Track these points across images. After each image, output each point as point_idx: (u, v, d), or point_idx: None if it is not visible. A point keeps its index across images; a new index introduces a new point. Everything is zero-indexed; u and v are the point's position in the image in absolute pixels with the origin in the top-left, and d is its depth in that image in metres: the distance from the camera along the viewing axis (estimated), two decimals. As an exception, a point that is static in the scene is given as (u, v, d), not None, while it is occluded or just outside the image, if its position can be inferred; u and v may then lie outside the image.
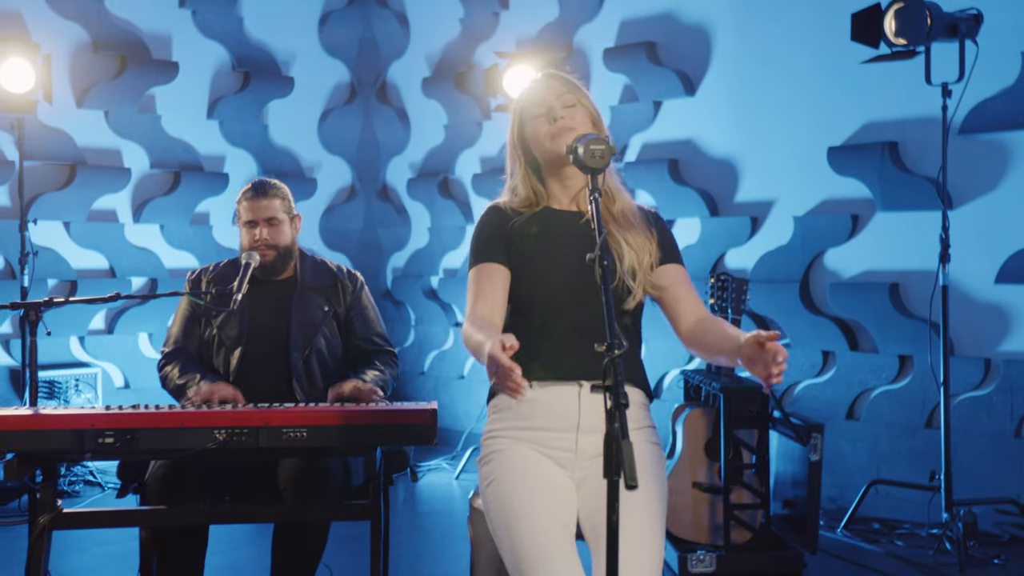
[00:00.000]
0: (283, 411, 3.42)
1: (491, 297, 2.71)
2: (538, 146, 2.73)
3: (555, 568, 2.38)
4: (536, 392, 2.62)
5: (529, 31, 7.72)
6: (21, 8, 7.10)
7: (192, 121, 7.98)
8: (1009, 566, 4.99)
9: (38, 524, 3.47)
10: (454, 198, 8.45)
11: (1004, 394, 5.75)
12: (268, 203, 4.04)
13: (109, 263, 7.64)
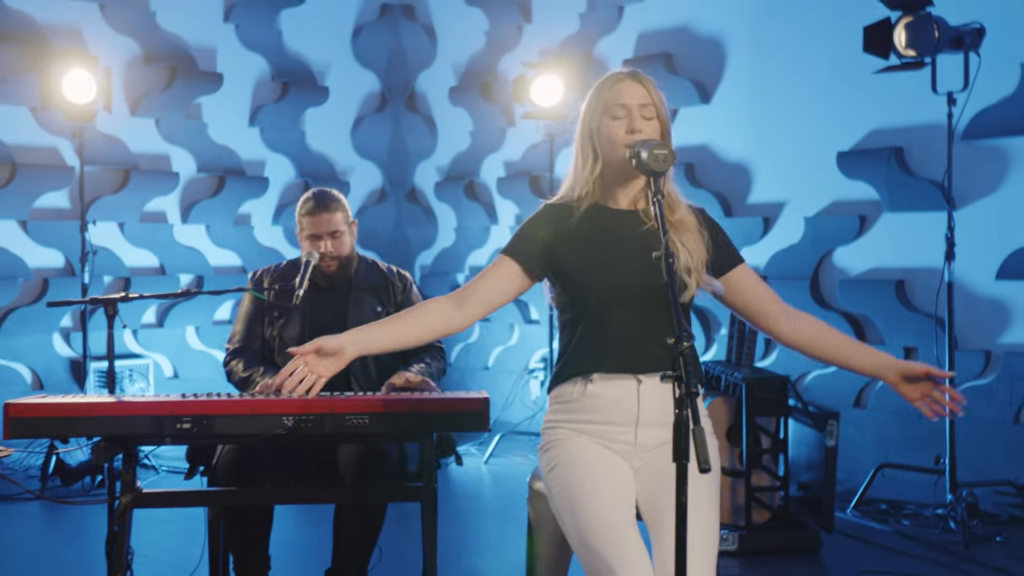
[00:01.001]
0: (347, 399, 3.42)
1: (480, 288, 2.71)
2: (611, 147, 2.63)
3: (620, 544, 2.37)
4: (596, 386, 2.60)
5: (551, 43, 7.72)
6: (80, 24, 7.15)
7: (235, 128, 8.02)
8: (1010, 544, 5.00)
9: (121, 503, 3.49)
10: (479, 200, 8.47)
11: (1004, 384, 5.77)
12: (330, 217, 4.02)
13: (159, 261, 7.69)
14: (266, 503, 3.80)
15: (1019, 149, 5.74)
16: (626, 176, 2.66)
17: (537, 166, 7.92)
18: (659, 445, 2.60)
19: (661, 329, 2.57)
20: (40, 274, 7.08)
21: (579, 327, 2.66)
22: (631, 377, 2.59)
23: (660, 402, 2.58)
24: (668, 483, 2.47)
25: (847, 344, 2.70)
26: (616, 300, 2.61)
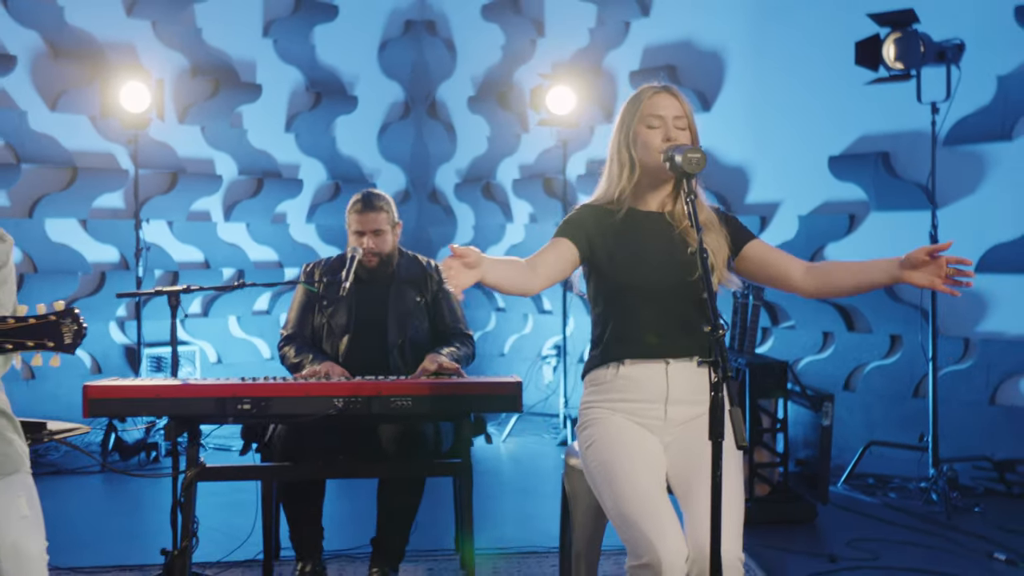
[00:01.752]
0: (391, 383, 3.47)
1: (545, 260, 2.67)
2: (646, 153, 2.66)
3: (655, 514, 2.40)
4: (628, 369, 2.63)
5: (563, 55, 7.71)
6: (134, 40, 7.18)
7: (272, 134, 8.02)
8: (987, 514, 5.02)
9: (187, 476, 3.53)
10: (495, 200, 8.47)
11: (981, 368, 5.81)
12: (375, 216, 4.04)
13: (204, 256, 7.71)
14: (318, 477, 3.84)
15: (995, 154, 5.77)
16: (658, 180, 2.70)
17: (550, 169, 7.93)
18: (687, 421, 2.63)
19: (686, 320, 2.63)
20: (98, 268, 7.12)
21: (611, 318, 2.69)
22: (660, 361, 2.62)
23: (687, 381, 2.62)
24: (697, 457, 2.53)
25: (857, 269, 2.66)
26: (646, 295, 2.64)
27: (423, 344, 4.08)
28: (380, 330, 4.03)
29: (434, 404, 3.46)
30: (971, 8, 5.68)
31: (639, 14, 7.35)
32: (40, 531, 2.57)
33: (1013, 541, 4.56)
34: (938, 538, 4.63)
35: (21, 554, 2.50)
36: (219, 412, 3.44)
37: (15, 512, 2.54)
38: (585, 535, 2.75)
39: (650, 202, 2.74)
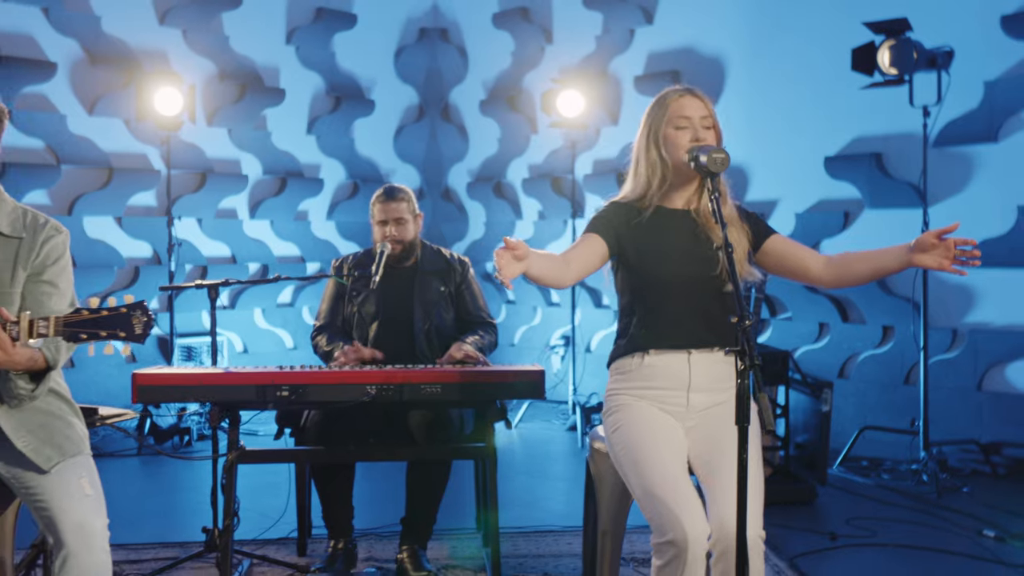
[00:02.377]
0: (421, 371, 3.48)
1: (577, 254, 2.64)
2: (674, 150, 2.64)
3: (679, 493, 2.41)
4: (652, 358, 2.63)
5: (571, 61, 7.71)
6: (166, 47, 7.18)
7: (295, 136, 8.02)
8: (975, 493, 5.05)
9: (228, 459, 3.54)
10: (506, 198, 8.49)
11: (968, 357, 5.82)
12: (396, 206, 4.04)
13: (231, 252, 7.72)
14: (350, 460, 3.85)
15: (982, 155, 5.77)
16: (685, 179, 2.69)
17: (558, 168, 7.93)
18: (708, 407, 2.64)
19: (708, 313, 2.64)
20: (132, 263, 7.13)
21: (637, 310, 2.70)
22: (683, 351, 2.63)
23: (708, 370, 2.63)
24: (718, 441, 2.54)
25: (872, 257, 2.65)
26: (671, 289, 2.65)
27: (447, 331, 4.09)
28: (407, 318, 4.04)
29: (462, 391, 3.47)
30: (960, 17, 5.67)
31: (643, 22, 7.34)
32: (102, 509, 2.60)
33: (1000, 519, 4.59)
34: (930, 516, 4.65)
35: (86, 531, 2.53)
36: (259, 399, 3.44)
37: (79, 491, 2.57)
38: (611, 514, 2.76)
39: (676, 200, 2.73)
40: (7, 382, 2.56)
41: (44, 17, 6.64)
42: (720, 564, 2.35)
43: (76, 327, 2.40)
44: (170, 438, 6.27)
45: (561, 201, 7.90)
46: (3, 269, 2.64)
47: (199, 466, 5.82)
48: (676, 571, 2.33)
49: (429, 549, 3.87)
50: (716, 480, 2.46)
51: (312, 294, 8.21)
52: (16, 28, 6.52)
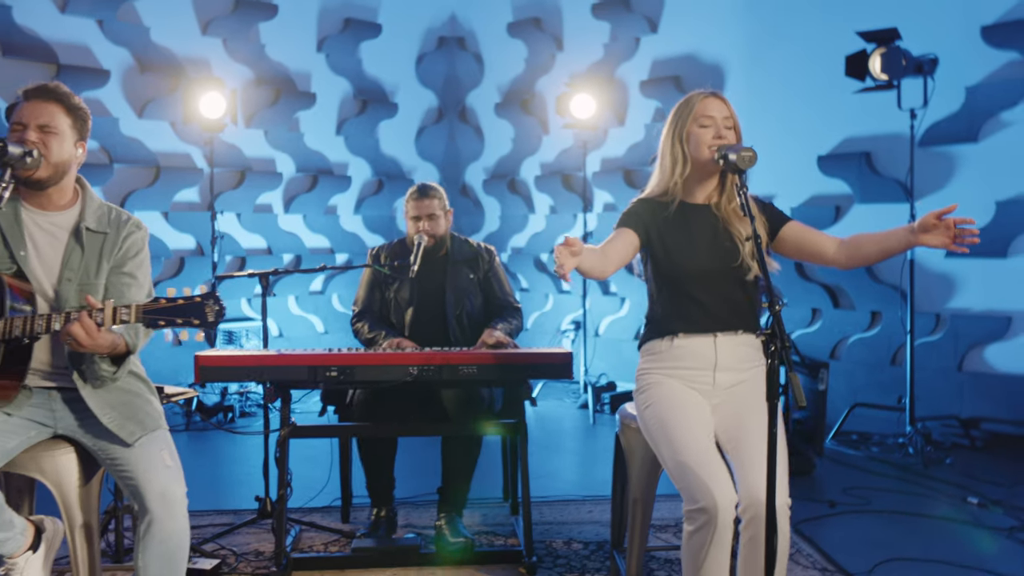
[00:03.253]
0: (459, 353, 3.50)
1: (612, 248, 2.63)
2: (698, 148, 2.65)
3: (709, 465, 2.43)
4: (680, 340, 2.65)
5: (580, 67, 7.72)
6: (208, 55, 7.21)
7: (325, 137, 8.05)
8: (957, 464, 5.09)
9: (281, 434, 3.57)
10: (519, 194, 8.50)
11: (950, 339, 5.85)
12: (429, 203, 4.04)
13: (267, 244, 7.75)
14: (392, 435, 3.87)
15: (964, 155, 5.79)
16: (705, 175, 2.71)
17: (568, 166, 7.95)
18: (733, 385, 2.65)
19: (731, 300, 2.66)
20: (178, 254, 7.16)
21: (666, 298, 2.71)
22: (709, 335, 2.65)
23: (732, 352, 2.65)
24: (744, 416, 2.56)
25: (880, 238, 2.62)
26: (696, 278, 2.67)
27: (477, 315, 4.10)
28: (440, 304, 4.05)
29: (496, 371, 3.48)
30: (944, 27, 5.68)
31: (648, 31, 7.35)
32: (181, 478, 2.64)
33: (980, 487, 4.64)
34: (917, 485, 4.70)
35: (168, 498, 2.57)
36: (311, 378, 3.46)
37: (160, 463, 2.61)
38: (641, 484, 2.78)
39: (698, 195, 2.75)
40: (92, 365, 2.60)
41: (99, 29, 6.66)
42: (749, 529, 2.37)
43: (155, 315, 2.42)
44: (215, 414, 6.31)
45: (571, 196, 7.93)
46: (89, 261, 2.68)
47: (241, 440, 5.86)
48: (706, 536, 2.36)
49: (463, 517, 3.90)
50: (743, 452, 2.47)
51: (340, 283, 8.24)
52: (74, 39, 6.54)
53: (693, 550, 2.39)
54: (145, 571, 2.58)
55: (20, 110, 2.63)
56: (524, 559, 3.51)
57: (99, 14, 6.62)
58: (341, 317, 8.25)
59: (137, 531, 2.60)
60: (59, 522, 2.80)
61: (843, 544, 3.77)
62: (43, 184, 2.65)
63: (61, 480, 2.65)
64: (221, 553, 3.72)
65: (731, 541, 2.40)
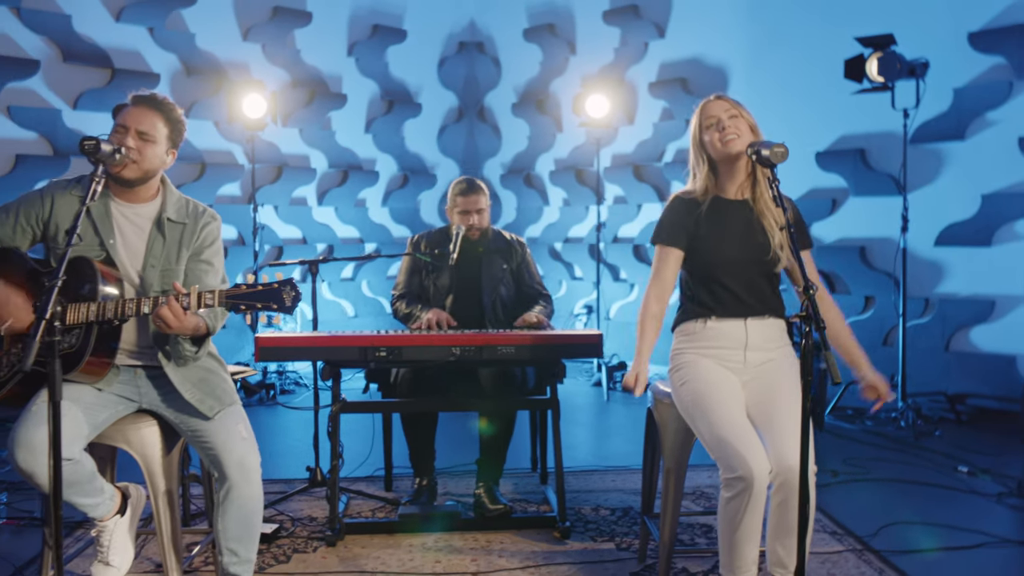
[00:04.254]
0: (498, 335, 3.52)
1: (665, 279, 2.73)
2: (712, 147, 2.70)
3: (744, 436, 2.45)
4: (714, 323, 2.68)
5: (591, 70, 7.71)
6: (248, 59, 7.20)
7: (355, 135, 8.05)
8: (945, 436, 5.14)
9: (333, 409, 3.60)
10: (534, 187, 8.50)
11: (937, 322, 5.87)
12: (476, 198, 4.04)
13: (302, 234, 7.78)
14: (434, 410, 3.89)
15: (951, 151, 5.79)
16: (730, 170, 2.72)
17: (580, 162, 7.96)
18: (761, 364, 2.67)
19: (760, 288, 2.69)
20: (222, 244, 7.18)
21: (701, 284, 2.73)
22: (740, 319, 2.68)
23: (761, 333, 2.68)
24: (773, 391, 2.59)
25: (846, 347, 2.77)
26: (729, 267, 2.69)
27: (510, 302, 4.12)
28: (476, 290, 4.07)
29: (532, 351, 3.50)
30: (934, 33, 5.68)
31: (656, 36, 7.35)
32: (256, 449, 2.68)
33: (968, 456, 4.68)
34: (911, 456, 4.74)
35: (245, 467, 2.62)
36: (362, 358, 3.48)
37: (237, 435, 2.65)
38: (675, 455, 2.80)
39: (729, 190, 2.75)
40: (176, 345, 2.64)
41: (150, 36, 6.67)
42: (779, 494, 2.41)
43: (236, 299, 2.46)
44: (258, 392, 6.36)
45: (584, 190, 7.94)
46: (170, 249, 2.72)
47: (284, 415, 5.92)
48: (743, 502, 2.39)
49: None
50: (774, 423, 2.49)
51: (369, 270, 8.28)
52: (127, 45, 6.56)
53: (730, 515, 2.43)
54: (225, 533, 2.63)
55: (126, 114, 2.67)
56: (558, 524, 3.54)
57: (150, 22, 6.63)
58: (370, 302, 8.29)
59: (216, 497, 2.65)
60: (142, 489, 2.86)
61: (848, 509, 3.82)
62: (132, 183, 2.69)
63: (146, 451, 2.70)
64: (279, 519, 3.77)
65: (763, 506, 2.44)
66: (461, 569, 3.20)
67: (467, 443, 4.52)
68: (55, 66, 6.21)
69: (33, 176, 6.13)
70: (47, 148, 6.21)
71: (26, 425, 2.42)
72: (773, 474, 2.42)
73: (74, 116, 6.29)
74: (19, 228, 2.70)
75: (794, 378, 2.61)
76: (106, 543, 2.69)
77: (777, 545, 2.46)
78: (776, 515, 2.44)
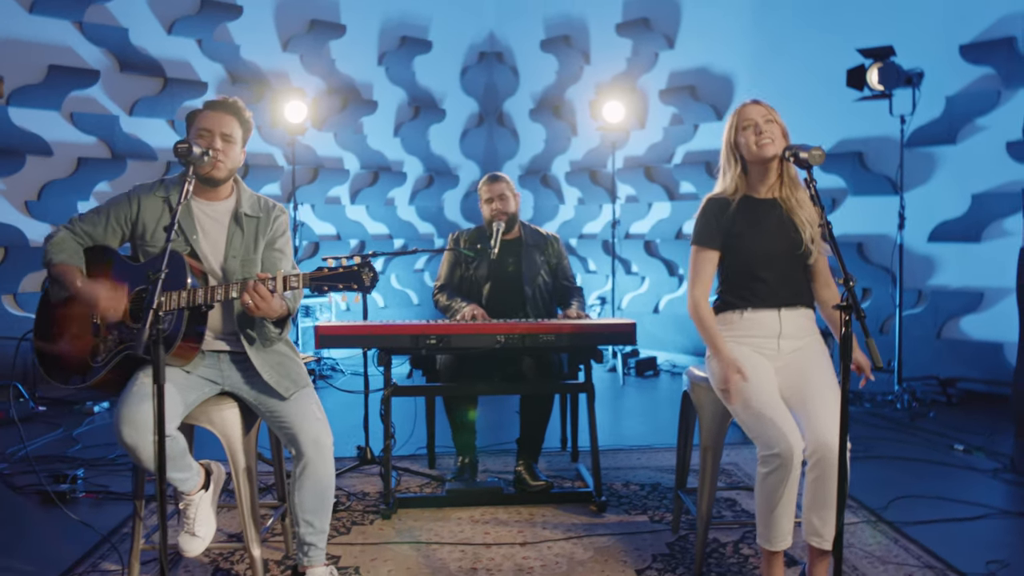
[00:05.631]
0: (541, 324, 3.53)
1: (706, 279, 2.70)
2: (747, 149, 2.66)
3: (781, 416, 2.46)
4: (750, 313, 2.69)
5: (605, 78, 7.72)
6: (287, 68, 7.24)
7: (385, 139, 8.08)
8: (938, 417, 5.16)
9: (385, 393, 3.61)
10: (550, 187, 8.51)
11: (930, 312, 5.90)
12: (497, 186, 4.03)
13: (336, 231, 7.80)
14: (477, 394, 3.88)
15: (943, 155, 5.82)
16: (761, 171, 2.71)
17: (594, 164, 7.98)
18: (794, 350, 2.68)
19: (793, 281, 2.70)
20: (264, 240, 7.22)
21: (737, 277, 2.74)
22: (774, 309, 2.69)
23: (794, 323, 2.69)
24: (807, 375, 2.60)
25: (837, 326, 2.69)
26: (763, 261, 2.69)
27: (545, 293, 4.11)
28: (515, 281, 4.06)
29: (571, 339, 3.52)
30: (927, 45, 5.70)
31: (666, 47, 7.35)
32: (328, 428, 2.71)
33: (961, 436, 4.71)
34: (909, 435, 4.76)
35: (320, 444, 2.64)
36: (413, 345, 3.50)
37: (312, 415, 2.68)
38: (712, 435, 2.80)
39: (760, 190, 2.74)
40: (262, 328, 2.67)
41: (198, 47, 6.70)
42: (815, 470, 2.43)
43: (320, 280, 2.48)
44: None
45: (597, 189, 7.96)
46: (249, 241, 2.74)
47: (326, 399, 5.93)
48: (781, 477, 2.41)
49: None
50: (809, 404, 2.50)
51: (398, 265, 8.30)
52: (177, 56, 6.58)
53: (768, 489, 2.45)
54: (301, 505, 2.67)
55: (204, 118, 2.69)
56: (595, 498, 3.57)
57: (198, 34, 6.65)
58: (398, 294, 8.31)
59: (293, 473, 2.68)
60: (222, 466, 2.89)
61: (858, 484, 3.84)
62: (217, 181, 2.71)
63: (227, 430, 2.73)
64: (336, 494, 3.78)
65: (798, 480, 2.46)
66: (510, 540, 3.23)
67: (501, 424, 4.55)
68: (113, 76, 6.24)
69: (93, 178, 6.17)
70: (106, 152, 6.24)
71: (129, 403, 2.45)
72: (809, 451, 2.43)
73: (130, 122, 6.31)
74: (110, 228, 2.73)
75: (824, 363, 2.64)
76: (192, 515, 2.72)
77: (813, 516, 2.48)
78: (812, 489, 2.46)
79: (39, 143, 5.91)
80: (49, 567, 3.01)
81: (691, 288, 2.75)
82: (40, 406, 5.36)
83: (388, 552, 3.13)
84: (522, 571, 2.94)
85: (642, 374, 6.86)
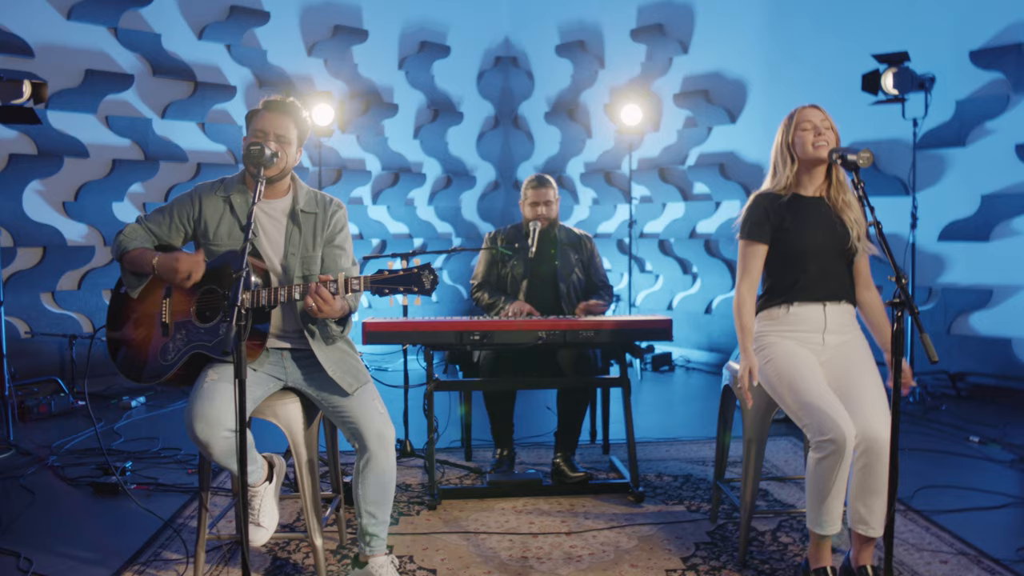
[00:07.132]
0: (580, 320, 3.57)
1: (754, 274, 2.73)
2: (802, 149, 2.70)
3: (832, 404, 2.48)
4: (796, 308, 2.71)
5: (619, 82, 7.72)
6: (312, 73, 7.24)
7: (405, 141, 8.07)
8: (949, 410, 5.20)
9: (428, 387, 3.63)
10: (565, 188, 8.45)
11: (940, 309, 5.92)
12: (545, 191, 4.07)
13: (359, 230, 7.80)
14: (515, 388, 3.92)
15: (953, 157, 5.83)
16: (812, 172, 2.75)
17: (609, 165, 7.98)
18: (838, 344, 2.71)
19: (838, 276, 2.73)
20: (291, 239, 7.23)
21: (783, 273, 2.75)
22: (819, 304, 2.71)
23: (838, 318, 2.72)
24: (850, 367, 2.64)
25: (878, 327, 2.80)
26: (809, 257, 2.71)
27: (581, 289, 4.14)
28: (550, 279, 4.09)
29: (610, 335, 3.55)
30: (939, 50, 5.72)
31: (680, 52, 7.36)
32: (390, 423, 2.72)
33: (975, 428, 4.74)
34: (924, 427, 4.80)
35: (383, 439, 2.67)
36: (458, 341, 3.53)
37: (375, 410, 2.70)
38: (756, 427, 2.83)
39: (808, 188, 2.77)
40: (325, 327, 2.70)
41: (227, 52, 6.71)
42: (863, 459, 2.45)
43: (381, 283, 2.49)
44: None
45: (611, 190, 7.97)
46: (307, 237, 2.76)
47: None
48: (834, 462, 2.43)
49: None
50: (854, 396, 2.53)
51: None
52: (207, 61, 6.60)
53: (821, 474, 2.48)
54: (364, 497, 2.69)
55: (262, 119, 2.71)
56: (632, 489, 3.61)
57: (227, 40, 6.67)
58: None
59: (356, 466, 2.70)
60: (282, 459, 2.92)
61: (884, 475, 3.87)
62: (275, 180, 2.73)
63: (291, 425, 2.75)
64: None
65: (849, 466, 2.49)
66: (554, 529, 3.26)
67: (531, 417, 4.57)
68: (146, 80, 6.25)
69: (127, 179, 6.18)
70: (139, 154, 6.26)
71: (201, 400, 2.47)
72: (857, 441, 2.46)
73: (162, 124, 6.33)
74: (174, 227, 2.76)
75: (867, 356, 2.69)
76: (257, 506, 2.75)
77: (859, 504, 2.51)
78: (859, 478, 2.49)
79: (76, 145, 5.92)
80: (112, 556, 3.04)
81: (739, 283, 2.77)
82: (79, 400, 5.38)
83: (439, 541, 3.16)
84: (571, 559, 2.97)
85: (658, 369, 6.90)
